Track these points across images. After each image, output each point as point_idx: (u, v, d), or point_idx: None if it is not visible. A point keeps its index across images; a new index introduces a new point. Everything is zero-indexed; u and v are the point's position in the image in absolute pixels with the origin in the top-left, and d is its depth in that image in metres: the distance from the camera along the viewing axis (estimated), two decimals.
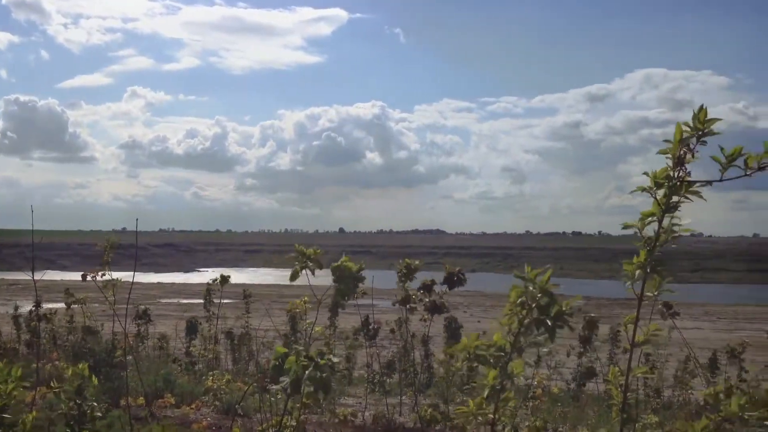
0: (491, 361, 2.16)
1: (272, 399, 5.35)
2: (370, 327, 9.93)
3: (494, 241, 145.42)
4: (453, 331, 11.01)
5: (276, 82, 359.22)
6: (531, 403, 6.65)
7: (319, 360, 2.60)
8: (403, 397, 8.33)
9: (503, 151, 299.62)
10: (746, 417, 2.08)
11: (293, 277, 3.82)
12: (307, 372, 2.55)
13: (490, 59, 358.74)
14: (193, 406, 7.47)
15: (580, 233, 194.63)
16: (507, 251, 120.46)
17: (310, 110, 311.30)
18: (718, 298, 55.04)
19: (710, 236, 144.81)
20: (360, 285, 3.96)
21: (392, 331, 10.60)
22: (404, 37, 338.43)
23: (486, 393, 2.20)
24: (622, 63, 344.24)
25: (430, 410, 7.07)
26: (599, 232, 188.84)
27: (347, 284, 3.70)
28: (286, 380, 2.58)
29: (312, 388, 2.54)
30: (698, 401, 8.73)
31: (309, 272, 3.80)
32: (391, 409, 7.63)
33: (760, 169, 2.01)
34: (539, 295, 2.04)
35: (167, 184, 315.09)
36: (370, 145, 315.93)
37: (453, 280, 6.76)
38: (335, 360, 2.68)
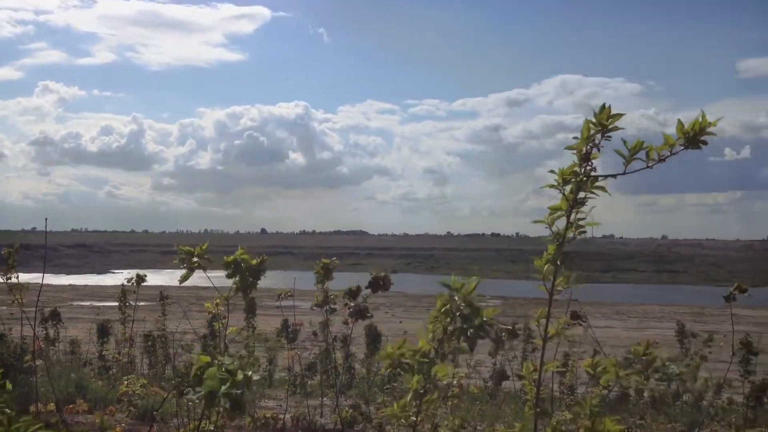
0: (416, 368, 2.18)
1: (190, 403, 5.24)
2: (290, 329, 9.88)
3: (416, 242, 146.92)
4: (373, 334, 11.08)
5: (196, 80, 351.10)
6: (450, 402, 6.76)
7: (236, 376, 2.49)
8: (325, 399, 8.32)
9: (425, 153, 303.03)
10: (620, 376, 2.21)
11: (183, 279, 3.74)
12: (223, 388, 2.45)
13: (413, 61, 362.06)
14: (107, 411, 7.24)
15: (498, 234, 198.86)
16: (428, 252, 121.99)
17: (231, 109, 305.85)
18: (628, 297, 57.32)
19: (621, 238, 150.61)
20: (260, 279, 3.88)
21: (314, 333, 10.57)
22: (328, 36, 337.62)
23: (409, 397, 2.23)
24: (541, 69, 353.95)
25: (351, 411, 7.10)
26: (517, 234, 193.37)
27: (244, 279, 3.62)
28: (201, 392, 2.51)
29: (228, 405, 2.44)
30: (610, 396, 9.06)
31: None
32: (312, 410, 7.61)
33: (661, 160, 2.12)
34: (463, 305, 2.06)
35: (80, 182, 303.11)
36: (293, 146, 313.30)
37: (378, 285, 6.79)
38: (256, 377, 2.59)
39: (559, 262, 2.36)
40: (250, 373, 2.58)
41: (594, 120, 2.20)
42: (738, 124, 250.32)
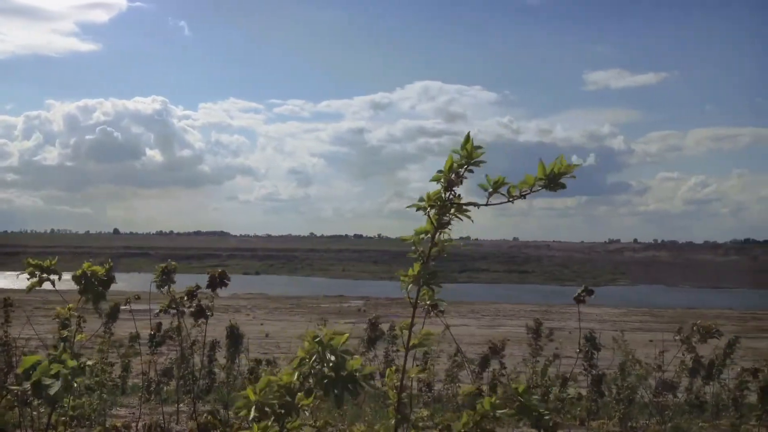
0: (277, 407, 2.12)
1: (34, 414, 4.92)
2: (154, 334, 9.48)
3: (279, 243, 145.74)
4: (235, 337, 10.87)
5: (44, 70, 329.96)
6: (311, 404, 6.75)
7: (66, 363, 2.39)
8: (181, 405, 8.07)
9: (290, 153, 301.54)
10: (497, 415, 2.29)
11: (30, 289, 3.58)
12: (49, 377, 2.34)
13: (279, 60, 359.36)
14: None
15: (361, 236, 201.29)
16: (291, 253, 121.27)
17: (83, 102, 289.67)
18: (482, 296, 59.77)
19: (476, 239, 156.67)
20: (109, 288, 3.77)
21: (171, 337, 10.21)
22: (189, 30, 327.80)
23: (270, 422, 2.16)
24: (404, 74, 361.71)
25: (208, 417, 6.92)
26: (379, 235, 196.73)
27: (95, 291, 3.54)
28: (27, 384, 2.38)
29: (57, 388, 2.32)
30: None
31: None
32: (167, 417, 7.36)
33: (521, 196, 2.25)
34: (332, 358, 2.04)
35: None
36: (150, 142, 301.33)
37: (215, 283, 6.71)
38: (89, 362, 2.50)
39: (422, 282, 2.45)
40: (83, 361, 2.48)
41: (459, 151, 2.30)
42: (584, 133, 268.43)
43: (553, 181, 2.21)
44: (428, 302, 2.52)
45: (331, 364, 2.01)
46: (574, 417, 9.65)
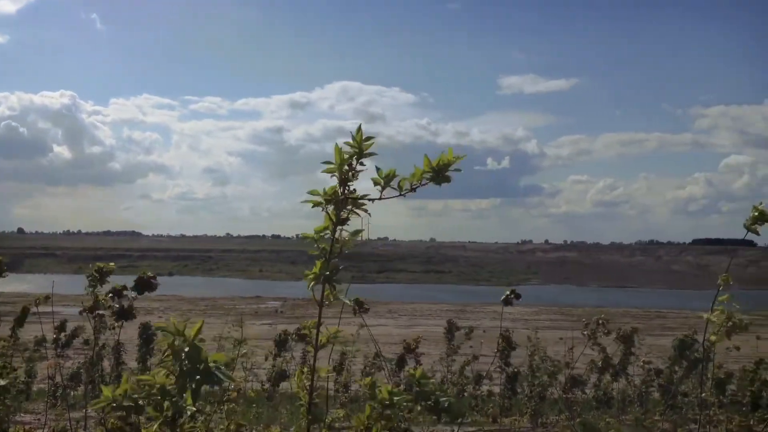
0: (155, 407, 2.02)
1: None
2: (61, 336, 9.11)
3: (193, 244, 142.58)
4: (147, 338, 10.60)
5: None
6: (226, 407, 6.63)
7: None
8: (89, 410, 7.78)
9: (205, 151, 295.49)
10: (395, 401, 2.32)
11: None
12: None
13: (195, 56, 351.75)
14: None
15: (279, 236, 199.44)
16: (206, 254, 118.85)
17: None
18: (400, 296, 60.30)
19: (394, 240, 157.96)
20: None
21: (86, 342, 9.85)
22: (101, 23, 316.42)
23: (157, 425, 2.08)
24: (323, 74, 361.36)
25: (118, 422, 6.68)
26: (297, 235, 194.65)
27: None
28: None
29: None
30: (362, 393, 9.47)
31: None
32: (74, 423, 7.08)
33: (412, 190, 2.27)
34: (187, 349, 1.91)
35: None
36: (57, 138, 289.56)
37: (144, 285, 6.49)
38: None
39: (323, 278, 2.44)
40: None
41: (348, 143, 2.29)
42: (499, 136, 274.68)
43: (439, 174, 2.24)
44: (333, 301, 2.51)
45: (185, 356, 1.88)
46: (488, 414, 9.86)
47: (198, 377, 1.88)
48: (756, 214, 2.91)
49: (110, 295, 6.56)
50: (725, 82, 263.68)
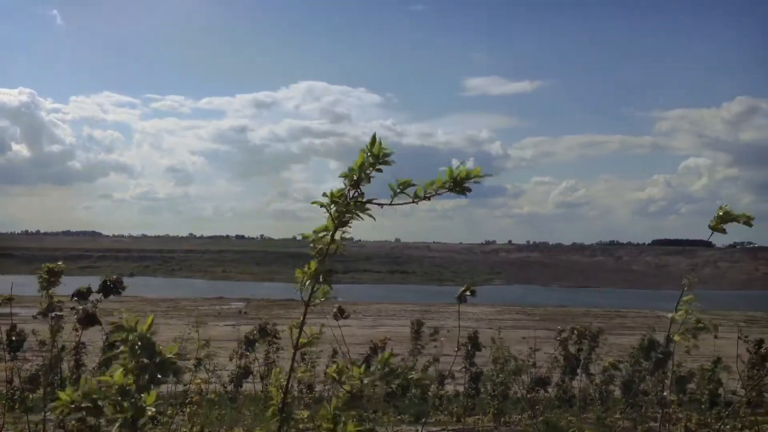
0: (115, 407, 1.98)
1: None
2: (12, 339, 8.92)
3: (155, 244, 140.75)
4: (110, 340, 10.40)
5: None
6: (188, 409, 6.56)
7: None
8: (48, 413, 7.62)
9: (168, 150, 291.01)
10: (366, 381, 2.33)
11: None
12: None
13: (157, 54, 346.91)
14: None
15: (243, 236, 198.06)
16: (169, 254, 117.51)
17: None
18: (365, 296, 60.33)
19: (360, 240, 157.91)
20: None
21: (43, 343, 9.65)
22: (62, 19, 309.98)
23: (117, 427, 2.03)
24: (288, 73, 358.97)
25: (78, 424, 6.57)
26: (262, 236, 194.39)
27: None
28: None
29: None
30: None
31: None
32: (33, 426, 6.93)
33: (426, 198, 2.30)
34: (139, 344, 1.92)
35: None
36: (16, 136, 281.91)
37: (110, 288, 6.36)
38: None
39: (321, 279, 2.45)
40: None
41: (367, 150, 2.31)
42: (464, 137, 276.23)
43: (458, 185, 2.28)
44: (322, 300, 2.52)
45: (140, 350, 1.88)
46: (451, 413, 9.91)
47: (155, 369, 1.86)
48: (722, 213, 2.99)
49: (74, 298, 6.43)
50: (685, 85, 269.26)
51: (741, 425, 6.53)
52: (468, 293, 6.15)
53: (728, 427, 6.21)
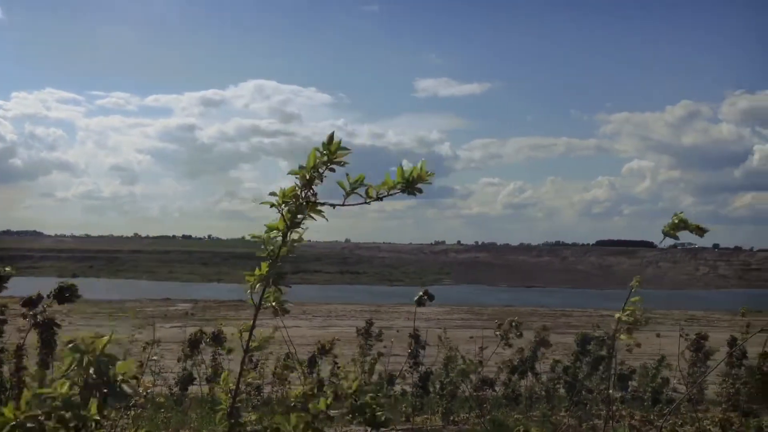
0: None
1: None
2: None
3: (99, 244, 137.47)
4: (47, 340, 10.12)
5: None
6: (132, 412, 6.42)
7: None
8: None
9: (113, 149, 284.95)
10: (332, 414, 2.30)
11: None
12: None
13: (102, 50, 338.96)
14: None
15: (190, 236, 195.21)
16: (113, 255, 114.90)
17: None
18: (315, 297, 60.05)
19: (309, 240, 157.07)
20: None
21: None
22: (3, 13, 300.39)
23: None
24: (237, 71, 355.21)
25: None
26: (209, 236, 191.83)
27: None
28: None
29: None
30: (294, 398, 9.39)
31: None
32: None
33: (378, 198, 2.25)
34: (95, 365, 1.83)
35: None
36: None
37: (64, 296, 6.21)
38: None
39: (272, 281, 2.39)
40: None
41: (321, 149, 2.25)
42: (414, 138, 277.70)
43: (411, 185, 2.25)
44: (273, 303, 2.47)
45: (93, 370, 1.80)
46: (400, 413, 9.94)
47: (104, 391, 1.79)
48: (677, 221, 3.03)
49: (24, 304, 6.24)
50: (629, 89, 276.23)
51: (682, 422, 6.71)
52: (425, 297, 6.18)
53: (669, 422, 6.38)
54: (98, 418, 1.83)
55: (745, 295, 79.80)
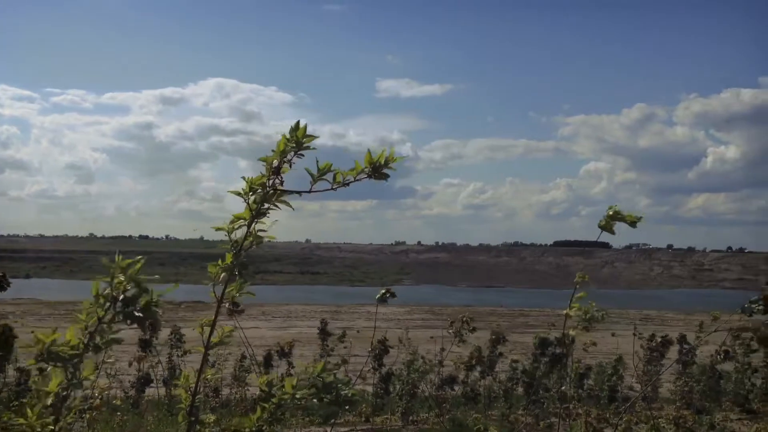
0: (67, 357, 1.94)
1: None
2: None
3: (53, 244, 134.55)
4: (5, 341, 9.89)
5: None
6: (88, 415, 6.31)
7: None
8: None
9: (68, 147, 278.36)
10: (298, 396, 2.29)
11: None
12: None
13: (57, 46, 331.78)
14: None
15: (147, 236, 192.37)
16: (67, 255, 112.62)
17: None
18: (275, 298, 59.66)
19: (269, 241, 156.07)
20: None
21: None
22: None
23: (49, 401, 1.99)
24: (197, 69, 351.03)
25: None
26: (167, 236, 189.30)
27: None
28: None
29: None
30: (254, 396, 9.32)
31: None
32: None
33: (345, 184, 2.25)
34: (128, 286, 1.89)
35: None
36: None
37: None
38: None
39: (236, 272, 2.36)
40: None
41: (289, 136, 2.24)
42: (376, 139, 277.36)
43: (377, 170, 2.25)
44: (234, 296, 2.44)
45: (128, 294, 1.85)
46: (360, 413, 9.95)
47: (138, 313, 1.84)
48: (611, 213, 3.09)
49: None
50: (586, 92, 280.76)
51: (637, 419, 6.85)
52: (388, 295, 6.20)
53: (625, 420, 6.52)
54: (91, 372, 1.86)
55: (698, 295, 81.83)
